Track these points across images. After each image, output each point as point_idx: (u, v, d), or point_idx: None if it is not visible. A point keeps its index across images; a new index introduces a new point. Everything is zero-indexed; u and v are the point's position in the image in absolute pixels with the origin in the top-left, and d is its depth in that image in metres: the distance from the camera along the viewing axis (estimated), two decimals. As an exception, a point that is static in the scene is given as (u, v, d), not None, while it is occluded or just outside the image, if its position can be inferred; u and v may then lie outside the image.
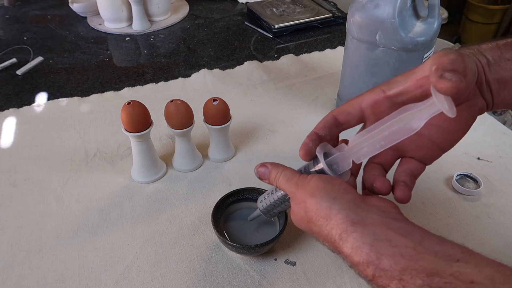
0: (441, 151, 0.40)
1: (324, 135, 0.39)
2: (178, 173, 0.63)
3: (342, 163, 0.38)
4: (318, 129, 0.39)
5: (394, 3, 0.58)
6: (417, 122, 0.34)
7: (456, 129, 0.38)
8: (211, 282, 0.48)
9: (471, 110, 0.38)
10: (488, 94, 0.38)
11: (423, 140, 0.38)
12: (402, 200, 0.37)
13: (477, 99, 0.37)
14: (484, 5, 2.24)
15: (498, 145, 0.67)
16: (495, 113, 1.51)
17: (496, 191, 0.59)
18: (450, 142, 0.39)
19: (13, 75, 0.89)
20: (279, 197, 0.44)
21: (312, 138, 0.39)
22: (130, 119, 0.55)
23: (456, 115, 0.33)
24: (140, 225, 0.55)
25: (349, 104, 0.39)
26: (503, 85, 0.37)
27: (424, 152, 0.39)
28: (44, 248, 0.52)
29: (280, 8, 1.10)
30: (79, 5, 1.09)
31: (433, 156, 0.40)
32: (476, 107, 0.38)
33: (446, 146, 0.39)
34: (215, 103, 0.59)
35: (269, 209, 0.46)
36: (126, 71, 0.90)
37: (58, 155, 0.67)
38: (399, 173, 0.39)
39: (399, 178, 0.39)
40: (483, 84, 0.37)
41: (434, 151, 0.39)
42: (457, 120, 0.37)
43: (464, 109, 0.37)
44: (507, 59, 0.37)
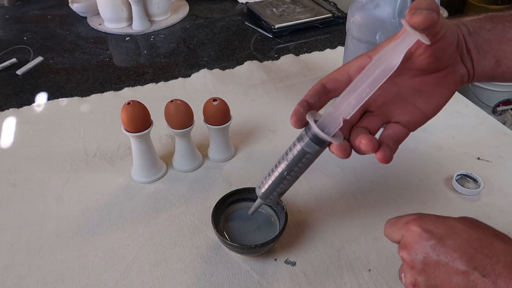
0: (425, 118, 0.40)
1: (314, 103, 0.39)
2: (178, 173, 0.63)
3: (333, 124, 0.38)
4: (308, 97, 0.39)
5: (394, 3, 0.58)
6: (395, 58, 0.34)
7: (438, 94, 0.39)
8: (211, 282, 0.48)
9: (453, 76, 0.39)
10: (469, 62, 0.39)
11: (407, 106, 0.40)
12: (383, 161, 0.38)
13: (458, 66, 0.39)
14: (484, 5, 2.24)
15: (498, 145, 0.67)
16: (495, 113, 1.51)
17: (496, 191, 0.59)
18: (433, 108, 0.40)
19: (13, 75, 0.89)
20: (276, 176, 0.43)
21: (302, 105, 0.39)
22: (130, 119, 0.55)
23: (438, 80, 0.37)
24: (140, 225, 0.55)
25: (337, 72, 0.40)
26: (483, 54, 0.39)
27: (408, 117, 0.40)
28: (44, 248, 0.52)
29: (280, 8, 1.10)
30: (79, 5, 1.09)
31: (417, 122, 0.40)
32: (458, 73, 0.39)
33: (429, 112, 0.40)
34: (215, 103, 0.59)
35: (269, 193, 0.44)
36: (126, 71, 0.90)
37: (58, 155, 0.67)
38: (383, 137, 0.40)
39: (383, 141, 0.39)
40: (464, 52, 0.39)
41: (418, 117, 0.40)
42: (439, 85, 0.39)
43: (446, 75, 0.38)
44: (487, 29, 0.39)
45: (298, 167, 0.41)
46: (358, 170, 0.63)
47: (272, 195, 0.45)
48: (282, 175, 0.42)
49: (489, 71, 0.40)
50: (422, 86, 0.39)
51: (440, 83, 0.38)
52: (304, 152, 0.40)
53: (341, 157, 0.38)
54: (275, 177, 0.43)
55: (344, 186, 0.60)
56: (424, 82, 0.38)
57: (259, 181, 0.45)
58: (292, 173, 0.42)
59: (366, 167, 0.63)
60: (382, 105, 0.41)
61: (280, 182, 0.43)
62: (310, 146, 0.39)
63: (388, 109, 0.40)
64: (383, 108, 0.41)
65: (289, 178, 0.42)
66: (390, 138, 0.39)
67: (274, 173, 0.43)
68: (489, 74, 0.40)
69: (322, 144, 0.39)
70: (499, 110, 1.51)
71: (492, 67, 0.39)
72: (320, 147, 0.39)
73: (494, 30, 0.39)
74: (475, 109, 0.75)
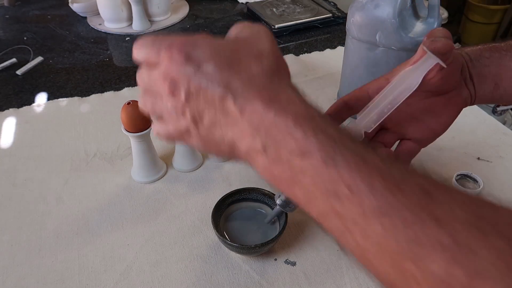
0: (435, 135, 0.45)
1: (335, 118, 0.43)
2: (178, 173, 0.63)
3: (355, 136, 0.40)
4: (330, 112, 0.44)
5: (394, 3, 0.58)
6: (416, 79, 0.39)
7: (447, 114, 0.44)
8: (211, 282, 0.48)
9: (458, 98, 0.43)
10: (471, 87, 0.44)
11: (419, 124, 0.44)
12: None
13: (463, 89, 0.43)
14: (484, 5, 2.24)
15: (498, 145, 0.67)
16: (495, 113, 1.51)
17: (496, 191, 0.59)
18: (442, 126, 0.45)
19: (13, 75, 0.89)
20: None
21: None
22: (130, 119, 0.55)
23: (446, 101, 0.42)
24: (140, 225, 0.55)
25: (357, 91, 0.44)
26: (483, 79, 0.44)
27: (420, 135, 0.44)
28: (44, 248, 0.52)
29: (280, 8, 1.10)
30: (79, 5, 1.09)
31: (428, 139, 0.45)
32: (462, 96, 0.43)
33: (439, 130, 0.45)
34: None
35: (289, 201, 0.46)
36: (126, 71, 0.90)
37: (58, 155, 0.67)
38: (398, 152, 0.45)
39: (398, 155, 0.44)
40: (467, 77, 0.43)
41: (429, 134, 0.45)
42: (447, 106, 0.43)
43: (452, 96, 0.43)
44: (486, 57, 0.44)
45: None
46: (358, 170, 0.63)
47: (292, 204, 0.46)
48: None
49: (488, 94, 0.44)
50: (432, 106, 0.43)
51: (448, 104, 0.43)
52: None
53: None
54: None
55: (344, 186, 0.60)
56: (434, 103, 0.43)
57: (259, 181, 0.45)
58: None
59: (366, 167, 0.63)
60: (397, 123, 0.44)
61: None
62: None
63: (402, 127, 0.44)
64: (397, 126, 0.44)
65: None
66: (404, 153, 0.44)
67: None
68: (489, 96, 0.44)
69: None
70: (499, 110, 1.51)
71: (491, 90, 0.44)
72: None
73: (492, 58, 0.44)
74: (475, 109, 0.75)
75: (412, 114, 0.44)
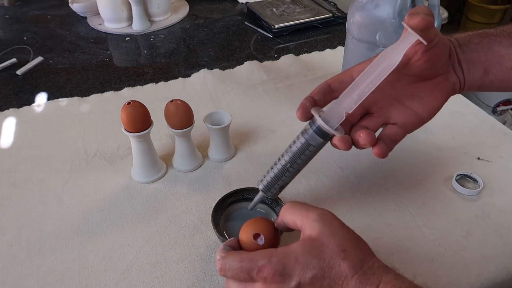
0: (421, 120, 0.44)
1: (319, 100, 0.43)
2: (178, 173, 0.63)
3: (336, 117, 0.40)
4: (314, 94, 0.43)
5: (394, 3, 0.58)
6: (396, 57, 0.38)
7: (433, 99, 0.43)
8: (211, 282, 0.48)
9: (446, 84, 0.43)
10: (460, 72, 0.43)
11: (404, 109, 0.44)
12: (379, 155, 0.42)
13: (450, 75, 0.43)
14: (484, 5, 2.24)
15: (498, 145, 0.67)
16: (495, 113, 1.51)
17: (496, 191, 0.59)
18: (428, 112, 0.44)
19: (13, 75, 0.89)
20: (279, 168, 0.44)
21: (308, 100, 0.43)
22: (130, 119, 0.55)
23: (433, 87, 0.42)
24: (140, 225, 0.55)
25: (341, 74, 0.45)
26: (472, 64, 0.43)
27: (405, 119, 0.44)
28: (44, 248, 0.52)
29: (280, 8, 1.10)
30: (79, 5, 1.09)
31: (413, 124, 0.44)
32: (450, 81, 0.43)
33: (425, 115, 0.44)
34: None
35: (270, 185, 0.46)
36: (126, 71, 0.90)
37: (58, 155, 0.67)
38: (381, 135, 0.43)
39: (381, 138, 0.43)
40: (455, 62, 0.43)
41: (414, 119, 0.44)
42: (434, 91, 0.43)
43: (439, 82, 0.43)
44: (475, 43, 0.43)
45: (300, 159, 0.43)
46: (358, 170, 0.63)
47: (274, 188, 0.46)
48: (284, 167, 0.44)
49: (478, 80, 0.44)
50: (418, 91, 0.43)
51: (434, 89, 0.43)
52: (307, 144, 0.42)
53: (343, 149, 0.41)
54: (278, 170, 0.45)
55: (344, 186, 0.60)
56: (420, 88, 0.43)
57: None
58: (295, 165, 0.44)
59: (366, 167, 0.63)
60: (381, 107, 0.44)
61: (282, 174, 0.45)
62: (313, 139, 0.41)
63: (387, 111, 0.44)
64: (382, 110, 0.44)
65: (291, 170, 0.44)
66: (387, 137, 0.43)
67: (276, 166, 0.45)
68: (478, 83, 0.44)
69: (325, 137, 0.41)
70: (499, 110, 1.51)
71: (481, 76, 0.43)
72: (323, 140, 0.41)
73: (481, 44, 0.43)
74: (475, 109, 0.75)
75: (397, 98, 0.44)
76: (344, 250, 0.35)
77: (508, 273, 0.49)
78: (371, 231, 0.53)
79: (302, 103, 0.42)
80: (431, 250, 0.51)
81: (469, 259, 0.50)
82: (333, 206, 0.57)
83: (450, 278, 0.48)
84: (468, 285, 0.47)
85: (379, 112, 0.44)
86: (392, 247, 0.51)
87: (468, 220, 0.55)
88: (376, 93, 0.42)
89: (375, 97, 0.43)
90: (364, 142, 0.41)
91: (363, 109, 0.44)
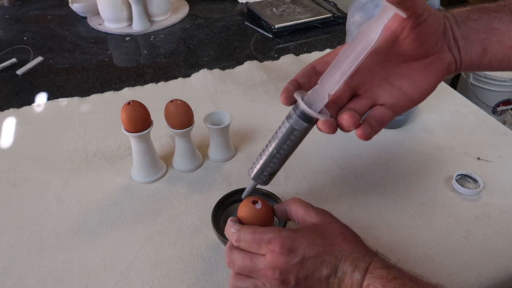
0: (411, 102, 0.42)
1: (304, 83, 0.41)
2: (178, 173, 0.63)
3: (319, 100, 0.39)
4: (298, 77, 0.42)
5: (394, 3, 0.58)
6: (374, 32, 0.36)
7: (424, 80, 0.41)
8: (211, 282, 0.48)
9: (439, 63, 0.40)
10: (456, 51, 0.41)
11: (394, 90, 0.41)
12: (362, 137, 0.39)
13: (445, 54, 0.40)
14: (484, 5, 2.24)
15: (498, 145, 0.67)
16: (495, 113, 1.51)
17: (496, 191, 0.59)
18: (419, 93, 0.41)
19: (13, 75, 0.89)
20: (267, 155, 0.44)
21: (292, 84, 0.41)
22: (130, 119, 0.55)
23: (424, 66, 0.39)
24: (140, 225, 0.55)
25: (327, 55, 0.43)
26: (470, 43, 0.40)
27: (394, 100, 0.41)
28: (44, 248, 0.52)
29: (280, 8, 1.10)
30: (79, 5, 1.09)
31: (402, 105, 0.42)
32: (444, 61, 0.40)
33: (415, 97, 0.41)
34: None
35: (260, 173, 0.45)
36: (126, 71, 0.90)
37: (58, 155, 0.67)
38: (368, 117, 0.41)
39: (366, 119, 0.40)
40: (451, 41, 0.40)
41: (404, 101, 0.41)
42: (425, 71, 0.40)
43: (432, 61, 0.40)
44: (473, 19, 0.40)
45: (286, 145, 0.42)
46: (358, 170, 0.63)
47: (263, 175, 0.46)
48: (271, 153, 0.44)
49: (476, 60, 0.41)
50: (408, 71, 0.41)
51: (427, 69, 0.40)
52: (292, 129, 0.41)
53: (327, 132, 0.39)
54: (265, 156, 0.44)
55: (344, 186, 0.60)
56: (411, 67, 0.40)
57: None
58: (281, 151, 0.43)
59: (366, 167, 0.63)
60: (369, 88, 0.42)
61: (270, 161, 0.44)
62: (298, 123, 0.41)
63: (375, 92, 0.41)
64: (370, 91, 0.42)
65: (278, 156, 0.44)
66: (374, 118, 0.40)
67: (264, 153, 0.44)
68: (476, 63, 0.41)
69: (309, 121, 0.40)
70: (499, 110, 1.51)
71: (479, 55, 0.41)
72: (307, 124, 0.41)
73: (480, 20, 0.40)
74: (475, 109, 0.75)
75: (387, 78, 0.41)
76: (343, 233, 0.41)
77: (508, 273, 0.49)
78: (371, 231, 0.53)
79: (285, 87, 0.41)
80: (431, 250, 0.51)
81: (469, 259, 0.50)
82: (333, 206, 0.57)
83: (450, 278, 0.48)
84: (468, 285, 0.47)
85: (367, 93, 0.42)
86: (392, 247, 0.51)
87: (468, 220, 0.55)
88: (364, 73, 0.41)
89: (363, 78, 0.41)
90: (348, 124, 0.39)
91: (350, 91, 0.42)
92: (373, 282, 0.37)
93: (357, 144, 0.67)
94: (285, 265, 0.38)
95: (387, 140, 0.68)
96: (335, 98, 0.40)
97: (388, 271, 0.37)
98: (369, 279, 0.37)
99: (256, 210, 0.45)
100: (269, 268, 0.39)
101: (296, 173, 0.61)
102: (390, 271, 0.37)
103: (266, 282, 0.40)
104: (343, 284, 0.38)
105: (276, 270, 0.38)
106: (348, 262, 0.38)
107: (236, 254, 0.41)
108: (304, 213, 0.43)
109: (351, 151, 0.66)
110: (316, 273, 0.38)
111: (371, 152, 0.66)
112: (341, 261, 0.38)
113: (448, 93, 0.78)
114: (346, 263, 0.38)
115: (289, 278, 0.38)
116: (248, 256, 0.41)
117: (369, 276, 0.37)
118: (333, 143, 0.67)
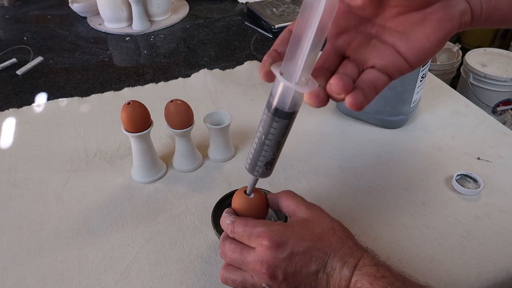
0: (406, 63, 0.33)
1: (283, 52, 0.34)
2: (178, 173, 0.63)
3: (295, 69, 0.33)
4: (276, 46, 0.36)
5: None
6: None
7: (422, 35, 0.32)
8: (211, 282, 0.48)
9: (445, 13, 0.31)
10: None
11: (385, 48, 0.33)
12: (353, 105, 0.32)
13: (454, 1, 0.32)
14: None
15: (498, 145, 0.67)
16: (495, 113, 1.51)
17: (496, 191, 0.59)
18: (416, 52, 0.33)
19: (13, 75, 0.89)
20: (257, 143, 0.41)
21: (271, 55, 0.35)
22: (130, 119, 0.55)
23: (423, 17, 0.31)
24: (140, 225, 0.55)
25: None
26: None
27: (385, 61, 0.33)
28: (44, 248, 0.52)
29: (280, 8, 1.10)
30: (79, 5, 1.09)
31: (396, 67, 0.33)
32: (453, 9, 0.31)
33: (411, 57, 0.33)
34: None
35: (254, 163, 0.43)
36: (126, 71, 0.90)
37: (58, 155, 0.67)
38: (358, 82, 0.33)
39: (357, 85, 0.33)
40: None
41: (397, 61, 0.33)
42: (424, 24, 0.32)
43: (436, 10, 0.31)
44: None
45: (273, 128, 0.39)
46: (358, 170, 0.63)
47: (258, 166, 0.43)
48: (260, 140, 0.40)
49: (504, 8, 0.33)
50: (403, 25, 0.33)
51: (426, 22, 0.32)
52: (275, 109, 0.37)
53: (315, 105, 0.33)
54: (255, 144, 0.41)
55: (344, 186, 0.60)
56: (407, 20, 0.32)
57: (259, 181, 0.45)
58: (270, 136, 0.39)
59: (366, 167, 0.63)
60: (356, 48, 0.35)
61: (261, 149, 0.41)
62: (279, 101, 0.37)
63: (363, 53, 0.34)
64: (358, 52, 0.35)
65: (268, 143, 0.40)
66: (365, 83, 0.33)
67: (254, 141, 0.41)
68: (498, 15, 0.33)
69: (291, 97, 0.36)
70: (499, 110, 1.51)
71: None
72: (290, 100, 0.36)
73: None
74: (475, 109, 0.75)
75: (377, 36, 0.34)
76: (333, 228, 0.41)
77: (508, 273, 0.49)
78: (371, 231, 0.53)
79: (264, 60, 0.34)
80: (431, 250, 0.51)
81: (469, 259, 0.50)
82: (333, 206, 0.57)
83: (450, 278, 0.48)
84: (468, 285, 0.47)
85: (354, 54, 0.35)
86: (392, 247, 0.51)
87: (468, 220, 0.55)
88: (350, 31, 0.35)
89: (349, 37, 0.35)
90: (336, 90, 0.32)
91: (336, 54, 0.35)
92: (361, 279, 0.37)
93: (357, 144, 0.67)
94: (273, 259, 0.38)
95: (387, 140, 0.68)
96: (322, 63, 0.34)
97: (377, 268, 0.37)
98: (358, 276, 0.37)
99: (249, 199, 0.45)
100: (257, 261, 0.39)
101: (296, 173, 0.61)
102: (379, 269, 0.37)
103: (255, 275, 0.40)
104: (331, 280, 0.38)
105: (264, 264, 0.39)
106: (337, 258, 0.38)
107: (228, 245, 0.42)
108: (295, 207, 0.43)
109: (351, 151, 0.66)
110: (304, 268, 0.38)
111: (371, 152, 0.66)
112: (330, 256, 0.39)
113: (448, 93, 0.78)
114: (335, 259, 0.38)
115: (277, 272, 0.38)
116: (239, 249, 0.41)
117: (358, 273, 0.37)
118: (333, 143, 0.67)
